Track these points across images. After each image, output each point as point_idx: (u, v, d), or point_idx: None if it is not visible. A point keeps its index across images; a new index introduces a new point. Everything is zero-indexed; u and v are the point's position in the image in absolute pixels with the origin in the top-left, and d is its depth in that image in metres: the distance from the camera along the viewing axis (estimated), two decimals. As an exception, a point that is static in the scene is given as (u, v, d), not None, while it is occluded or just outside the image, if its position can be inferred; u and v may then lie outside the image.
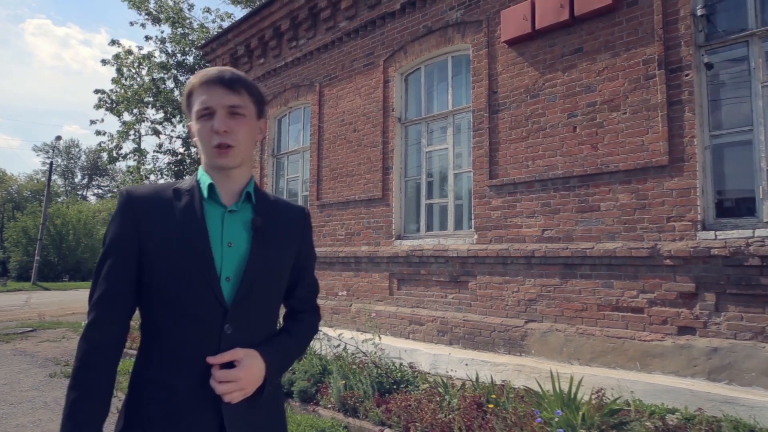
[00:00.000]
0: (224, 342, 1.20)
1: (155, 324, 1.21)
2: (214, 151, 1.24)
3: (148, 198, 1.23)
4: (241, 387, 1.17)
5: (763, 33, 4.30)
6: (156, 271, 1.19)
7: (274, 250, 1.31)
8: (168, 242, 1.19)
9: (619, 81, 4.97)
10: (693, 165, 4.48)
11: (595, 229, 5.03)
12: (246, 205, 1.31)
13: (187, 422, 1.16)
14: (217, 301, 1.19)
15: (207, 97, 1.24)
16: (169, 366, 1.18)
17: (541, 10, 5.45)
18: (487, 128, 6.00)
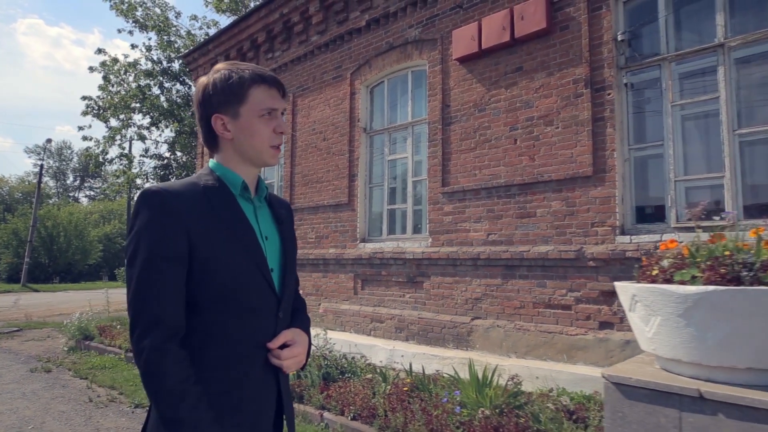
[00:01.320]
0: (279, 327, 1.29)
1: (212, 323, 1.19)
2: (271, 150, 1.30)
3: (187, 196, 1.19)
4: (299, 360, 1.31)
5: (672, 57, 4.79)
6: (213, 272, 1.17)
7: (291, 240, 1.42)
8: (221, 242, 1.19)
9: (553, 98, 5.45)
10: (613, 176, 4.95)
11: (532, 234, 5.49)
12: (263, 200, 1.37)
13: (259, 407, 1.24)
14: (272, 292, 1.27)
15: (271, 98, 1.28)
16: (231, 361, 1.20)
17: (487, 31, 5.92)
18: (440, 139, 6.46)
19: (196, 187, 1.22)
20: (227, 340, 1.19)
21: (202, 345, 1.18)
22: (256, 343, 1.23)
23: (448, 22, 6.51)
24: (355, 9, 7.79)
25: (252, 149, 1.28)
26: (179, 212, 1.15)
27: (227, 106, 1.26)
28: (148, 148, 15.16)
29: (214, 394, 1.16)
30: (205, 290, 1.17)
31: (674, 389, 1.95)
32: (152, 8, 16.44)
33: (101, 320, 8.78)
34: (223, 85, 1.25)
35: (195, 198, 1.20)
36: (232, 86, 1.25)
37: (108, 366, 6.49)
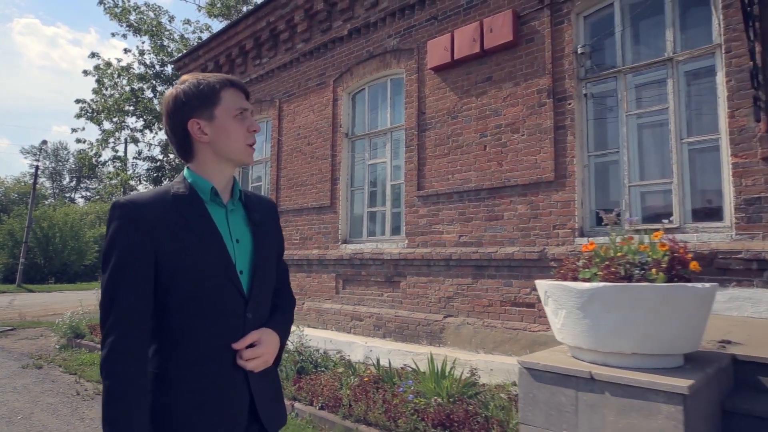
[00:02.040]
0: (248, 327, 1.31)
1: (178, 326, 1.24)
2: (247, 149, 1.35)
3: (153, 207, 1.25)
4: (265, 360, 1.32)
5: (627, 70, 5.09)
6: (177, 276, 1.22)
7: (268, 241, 1.43)
8: (185, 247, 1.24)
9: (519, 107, 5.74)
10: (573, 181, 5.25)
11: (500, 236, 5.78)
12: (237, 202, 1.40)
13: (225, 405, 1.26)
14: (239, 294, 1.30)
15: (239, 99, 1.35)
16: (199, 360, 1.24)
17: (459, 42, 6.21)
18: (416, 145, 6.74)
19: (165, 196, 1.28)
20: (195, 341, 1.24)
21: (173, 346, 1.24)
22: (223, 343, 1.26)
23: (424, 32, 6.80)
24: (337, 18, 8.08)
25: (229, 149, 1.33)
26: (145, 222, 1.21)
27: (202, 109, 1.31)
28: (141, 150, 15.40)
29: (185, 392, 1.22)
30: (173, 294, 1.22)
31: (571, 372, 2.24)
32: (146, 12, 16.68)
33: (92, 319, 9.03)
34: (195, 91, 1.31)
35: (163, 207, 1.25)
36: (203, 91, 1.31)
37: (97, 362, 6.74)
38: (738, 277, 4.16)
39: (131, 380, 1.14)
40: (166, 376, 1.23)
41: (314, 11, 8.32)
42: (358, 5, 7.74)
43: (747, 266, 4.11)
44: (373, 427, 3.68)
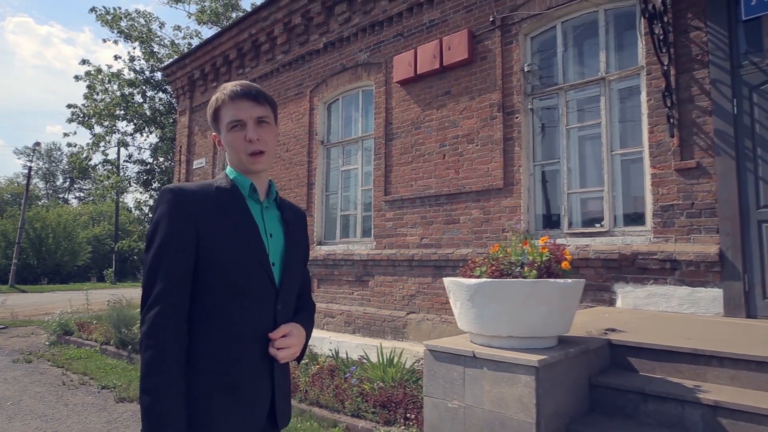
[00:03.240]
0: (279, 317, 1.39)
1: (213, 307, 1.31)
2: (249, 158, 1.39)
3: (198, 195, 1.35)
4: (294, 351, 1.40)
5: (567, 87, 5.58)
6: (216, 261, 1.30)
7: (299, 242, 1.52)
8: (225, 234, 1.32)
9: (474, 119, 6.23)
10: (519, 188, 5.74)
11: (456, 238, 6.27)
12: (272, 202, 1.48)
13: (246, 391, 1.31)
14: (271, 283, 1.37)
15: (236, 110, 1.38)
16: (230, 343, 1.30)
17: (421, 58, 6.70)
18: (383, 153, 7.22)
19: (209, 188, 1.38)
20: (227, 323, 1.31)
21: (206, 326, 1.30)
22: (253, 327, 1.33)
23: (392, 48, 7.28)
24: (314, 32, 8.55)
25: (234, 159, 1.42)
26: (189, 208, 1.30)
27: (214, 126, 1.46)
28: (131, 154, 15.80)
29: (213, 372, 1.28)
30: (210, 277, 1.30)
31: (460, 352, 2.71)
32: (137, 19, 17.08)
33: (81, 317, 9.45)
34: (209, 111, 1.46)
35: (206, 196, 1.35)
36: (211, 111, 1.45)
37: (84, 357, 7.18)
38: (655, 275, 4.66)
39: (170, 353, 1.22)
40: (199, 354, 1.28)
41: (292, 25, 8.79)
42: (332, 20, 8.22)
43: (662, 266, 4.61)
44: (324, 408, 4.15)
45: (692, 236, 4.52)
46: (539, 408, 2.36)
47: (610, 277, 4.93)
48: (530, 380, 2.37)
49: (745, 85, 4.34)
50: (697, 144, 4.55)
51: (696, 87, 4.59)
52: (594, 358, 2.88)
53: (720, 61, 4.44)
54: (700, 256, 4.38)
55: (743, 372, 2.60)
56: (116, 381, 5.54)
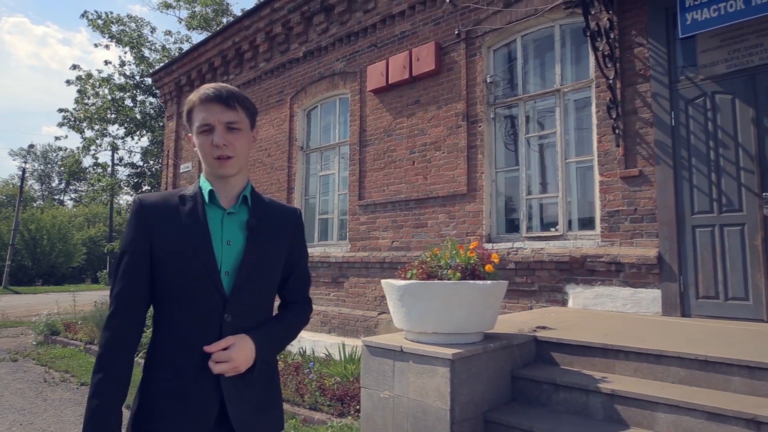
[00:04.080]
0: (225, 328, 1.35)
1: (165, 315, 1.36)
2: (215, 162, 1.39)
3: (157, 204, 1.38)
4: (234, 365, 1.31)
5: (526, 97, 5.86)
6: (165, 268, 1.33)
7: (267, 247, 1.44)
8: (175, 242, 1.34)
9: (441, 128, 6.50)
10: (482, 194, 6.01)
11: (424, 241, 6.53)
12: (243, 208, 1.44)
13: (192, 397, 1.32)
14: (217, 292, 1.34)
15: (206, 114, 1.37)
16: (177, 350, 1.33)
17: (392, 68, 6.97)
18: (358, 159, 7.50)
19: (173, 196, 1.41)
20: (174, 332, 1.34)
21: (159, 333, 1.37)
22: (197, 337, 1.32)
23: (366, 58, 7.56)
24: (294, 41, 8.82)
25: (204, 162, 1.42)
26: (146, 216, 1.35)
27: (188, 127, 1.45)
28: (122, 157, 16.04)
29: (162, 379, 1.32)
30: (160, 286, 1.35)
31: (390, 347, 2.97)
32: (128, 23, 17.32)
33: (67, 318, 9.68)
34: (183, 111, 1.46)
35: (166, 206, 1.38)
36: (185, 112, 1.46)
37: (68, 356, 7.42)
38: (602, 277, 4.94)
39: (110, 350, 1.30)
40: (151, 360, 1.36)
41: (274, 34, 9.06)
42: (311, 30, 8.49)
43: (608, 268, 4.89)
44: (285, 402, 4.41)
45: (635, 240, 4.80)
46: (453, 396, 2.63)
47: (563, 278, 5.21)
48: (446, 372, 2.64)
49: (682, 98, 4.63)
50: (640, 153, 4.84)
51: (639, 100, 4.88)
52: (517, 352, 3.15)
53: (660, 76, 4.73)
54: (641, 259, 4.66)
55: (644, 364, 2.87)
56: (95, 378, 5.78)
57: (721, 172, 4.37)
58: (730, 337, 3.28)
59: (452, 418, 2.62)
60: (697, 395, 2.52)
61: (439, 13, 6.63)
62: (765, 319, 4.02)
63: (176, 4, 17.04)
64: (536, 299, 5.42)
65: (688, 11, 4.54)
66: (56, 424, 4.27)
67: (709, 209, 4.41)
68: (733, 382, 2.58)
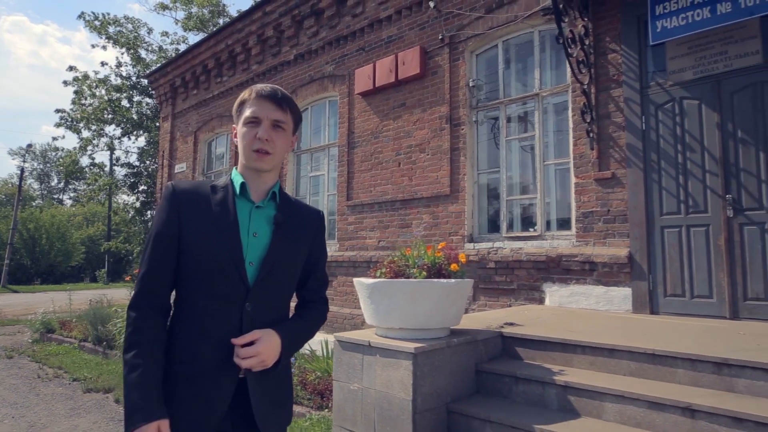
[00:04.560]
0: (245, 318, 1.37)
1: (187, 299, 1.38)
2: (253, 155, 1.43)
3: (189, 191, 1.42)
4: (261, 360, 1.33)
5: (507, 101, 6.02)
6: (191, 254, 1.36)
7: (291, 243, 1.48)
8: (204, 230, 1.37)
9: (425, 130, 6.66)
10: (464, 195, 6.17)
11: (409, 241, 6.69)
12: (271, 203, 1.49)
13: (206, 383, 1.33)
14: (241, 281, 1.37)
15: (257, 108, 1.42)
16: (195, 335, 1.35)
17: (379, 72, 7.13)
18: (346, 161, 7.65)
19: (205, 185, 1.45)
20: (195, 317, 1.36)
21: (179, 317, 1.39)
22: (217, 325, 1.35)
23: (354, 61, 7.72)
24: (285, 44, 8.97)
25: (242, 153, 1.45)
26: (178, 202, 1.39)
27: (236, 117, 1.49)
28: (118, 157, 16.19)
29: (178, 362, 1.34)
30: (186, 270, 1.37)
31: (359, 342, 3.14)
32: (125, 24, 17.46)
33: (63, 316, 9.84)
34: (236, 103, 1.51)
35: (198, 193, 1.42)
36: (237, 103, 1.50)
37: (62, 353, 7.58)
38: (576, 276, 5.10)
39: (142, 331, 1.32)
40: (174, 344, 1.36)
41: (265, 37, 9.21)
42: (302, 33, 8.65)
43: (582, 267, 5.05)
44: (269, 396, 4.57)
45: (608, 240, 4.96)
46: (416, 387, 2.79)
47: (540, 277, 5.37)
48: (409, 365, 2.80)
49: (652, 103, 4.78)
50: (613, 156, 5.00)
51: (612, 104, 5.04)
52: (482, 347, 3.31)
53: (632, 82, 4.89)
54: (613, 259, 4.82)
55: (599, 358, 3.03)
56: (87, 374, 5.95)
57: (688, 174, 4.54)
58: (685, 333, 3.44)
59: (414, 407, 2.78)
60: (642, 386, 2.68)
61: (424, 18, 6.79)
62: (728, 316, 4.19)
63: (173, 5, 17.20)
64: (515, 297, 5.58)
65: (658, 19, 4.70)
66: (47, 417, 4.43)
67: (677, 210, 4.57)
68: (677, 373, 2.74)
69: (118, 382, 5.41)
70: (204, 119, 11.05)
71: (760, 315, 4.05)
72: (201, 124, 11.03)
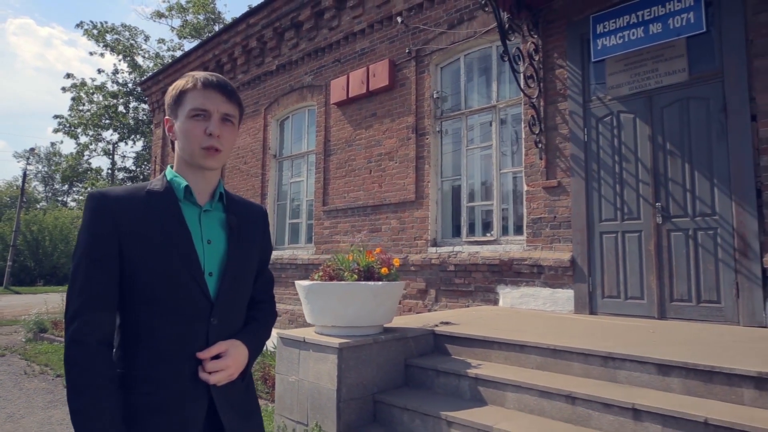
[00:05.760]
0: (212, 333, 1.25)
1: (140, 322, 1.21)
2: (202, 152, 1.27)
3: (124, 199, 1.23)
4: (229, 374, 1.24)
5: (468, 113, 6.34)
6: (140, 272, 1.19)
7: (245, 247, 1.36)
8: (151, 242, 1.20)
9: (394, 139, 6.99)
10: (428, 201, 6.49)
11: (379, 244, 7.00)
12: (218, 205, 1.35)
13: (175, 411, 1.20)
14: (203, 296, 1.24)
15: (205, 100, 1.26)
16: (156, 362, 1.20)
17: (352, 83, 7.47)
18: (323, 168, 7.99)
19: (140, 191, 1.26)
20: (155, 341, 1.20)
21: (135, 344, 1.21)
22: (182, 346, 1.22)
23: (330, 72, 8.06)
24: (268, 55, 9.33)
25: (185, 150, 1.29)
26: (112, 214, 1.19)
27: (173, 108, 1.30)
28: (115, 162, 16.60)
29: (143, 393, 1.18)
30: (135, 291, 1.20)
31: (296, 338, 3.46)
32: (122, 32, 17.90)
33: (56, 316, 10.22)
34: (173, 90, 1.30)
35: (134, 200, 1.23)
36: (175, 92, 1.29)
37: (51, 351, 7.94)
38: (526, 279, 5.40)
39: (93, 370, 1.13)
40: (128, 374, 1.20)
41: (249, 48, 9.58)
42: (283, 45, 9.00)
43: (531, 270, 5.35)
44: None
45: (554, 245, 5.27)
46: (341, 379, 3.11)
47: (495, 280, 5.68)
48: (335, 358, 3.11)
49: (593, 116, 5.09)
50: (559, 166, 5.30)
51: (559, 117, 5.35)
52: (412, 344, 3.62)
53: (576, 96, 5.20)
54: (557, 262, 5.12)
55: (512, 353, 3.33)
56: (71, 370, 6.30)
57: (624, 183, 4.84)
58: (602, 331, 3.74)
59: (339, 397, 3.10)
60: (543, 377, 2.98)
61: (394, 32, 7.12)
62: (656, 316, 4.48)
63: (168, 13, 17.64)
64: (473, 299, 5.89)
65: (599, 38, 5.02)
66: (25, 408, 4.78)
67: (614, 217, 4.87)
68: (573, 366, 3.04)
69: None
70: (193, 126, 11.40)
71: (684, 315, 4.35)
72: (191, 131, 11.40)
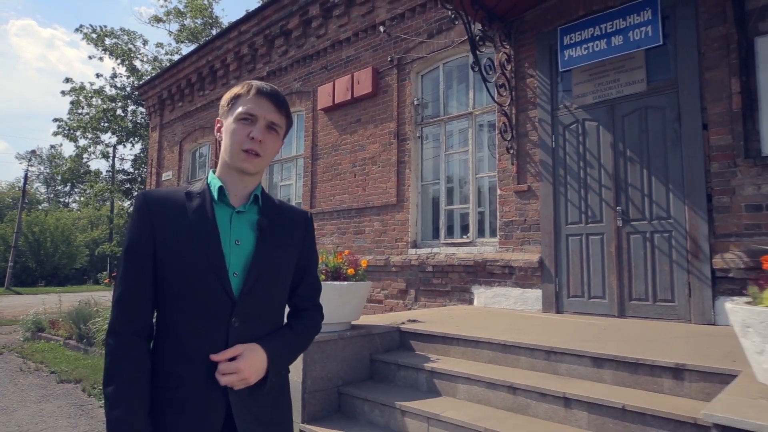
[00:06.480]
0: (232, 334, 1.26)
1: (167, 318, 1.27)
2: (242, 154, 1.31)
3: (162, 200, 1.30)
4: (242, 377, 1.22)
5: (446, 119, 6.58)
6: (169, 268, 1.25)
7: (278, 249, 1.36)
8: (180, 240, 1.26)
9: (377, 144, 7.23)
10: (409, 204, 6.73)
11: (363, 246, 7.26)
12: (253, 207, 1.37)
13: (193, 410, 1.22)
14: (225, 294, 1.26)
15: (254, 106, 1.31)
16: (178, 358, 1.24)
17: (338, 89, 7.71)
18: (310, 171, 8.24)
19: (179, 193, 1.33)
20: (175, 338, 1.24)
21: (160, 340, 1.27)
22: (200, 345, 1.23)
23: (318, 79, 8.31)
24: (259, 61, 9.59)
25: (227, 150, 1.33)
26: (150, 214, 1.27)
27: (226, 111, 1.36)
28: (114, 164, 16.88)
29: (162, 388, 1.22)
30: (163, 287, 1.25)
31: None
32: (121, 36, 18.19)
33: (53, 316, 10.49)
34: (229, 94, 1.37)
35: (171, 201, 1.30)
36: (230, 95, 1.36)
37: (48, 350, 8.20)
38: (499, 279, 5.64)
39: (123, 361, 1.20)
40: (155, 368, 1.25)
41: (241, 54, 9.84)
42: (273, 52, 9.25)
43: (503, 271, 5.58)
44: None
45: (524, 247, 5.50)
46: (306, 372, 3.34)
47: (470, 280, 5.91)
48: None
49: (561, 124, 5.32)
50: (529, 171, 5.54)
51: (529, 124, 5.58)
52: (378, 340, 3.85)
53: (545, 104, 5.43)
54: (527, 263, 5.35)
55: (469, 348, 3.56)
56: (65, 367, 6.54)
57: (588, 188, 5.07)
58: (556, 328, 3.97)
59: (304, 388, 3.34)
60: (492, 371, 3.21)
61: (377, 41, 7.37)
62: (616, 315, 4.71)
63: (166, 18, 17.91)
64: (449, 298, 6.12)
65: (566, 49, 5.25)
66: (18, 403, 5.02)
67: (579, 220, 5.10)
68: (521, 360, 3.27)
69: (90, 374, 6.00)
70: (188, 130, 11.68)
71: (641, 313, 4.57)
72: (185, 135, 11.67)
